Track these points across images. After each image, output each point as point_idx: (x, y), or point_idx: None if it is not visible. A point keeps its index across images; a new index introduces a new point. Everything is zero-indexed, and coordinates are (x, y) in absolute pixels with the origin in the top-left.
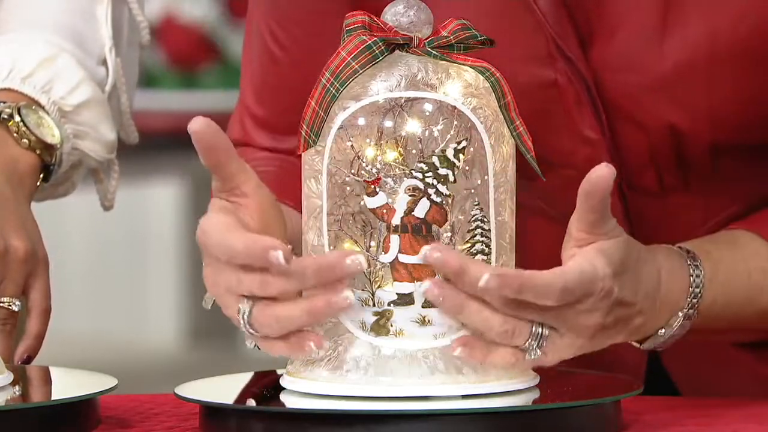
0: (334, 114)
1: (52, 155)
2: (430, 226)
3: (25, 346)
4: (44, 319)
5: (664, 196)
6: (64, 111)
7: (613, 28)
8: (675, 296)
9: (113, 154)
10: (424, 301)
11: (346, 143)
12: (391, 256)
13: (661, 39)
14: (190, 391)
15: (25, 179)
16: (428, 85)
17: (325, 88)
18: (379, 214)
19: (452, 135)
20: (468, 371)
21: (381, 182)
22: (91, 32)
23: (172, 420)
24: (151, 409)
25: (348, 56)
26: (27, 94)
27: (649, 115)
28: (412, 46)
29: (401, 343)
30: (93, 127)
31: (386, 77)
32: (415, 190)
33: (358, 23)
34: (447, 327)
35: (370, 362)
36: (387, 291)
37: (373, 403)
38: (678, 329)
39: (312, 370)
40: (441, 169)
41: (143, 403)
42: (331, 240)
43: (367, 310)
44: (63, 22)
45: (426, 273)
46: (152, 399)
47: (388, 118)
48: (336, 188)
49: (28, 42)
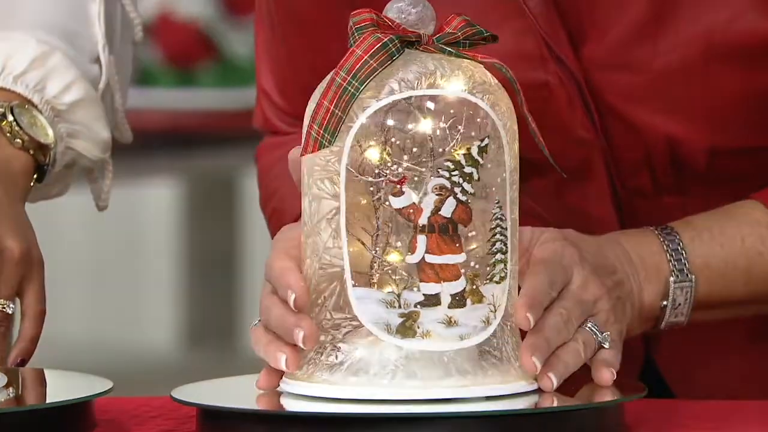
0: (353, 114)
1: (45, 155)
2: (456, 225)
3: (19, 349)
4: (39, 321)
5: (659, 197)
6: (57, 110)
7: (604, 27)
8: (653, 260)
9: (107, 153)
10: (450, 302)
11: (369, 143)
12: (418, 257)
13: (654, 37)
14: (188, 394)
15: (18, 180)
16: (449, 81)
17: (342, 88)
18: (405, 214)
19: (475, 132)
20: (493, 372)
21: (407, 182)
22: (83, 30)
23: (168, 423)
24: (147, 413)
25: (365, 54)
26: (20, 93)
27: (643, 116)
28: (423, 43)
29: (429, 344)
30: (87, 126)
31: (405, 75)
32: (442, 189)
33: (367, 21)
34: (472, 327)
35: (398, 365)
36: (414, 292)
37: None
38: (680, 296)
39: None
40: (466, 168)
41: (139, 406)
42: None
43: (392, 311)
44: (55, 20)
45: (452, 273)
46: (148, 402)
47: (412, 117)
48: (357, 189)
49: (20, 41)
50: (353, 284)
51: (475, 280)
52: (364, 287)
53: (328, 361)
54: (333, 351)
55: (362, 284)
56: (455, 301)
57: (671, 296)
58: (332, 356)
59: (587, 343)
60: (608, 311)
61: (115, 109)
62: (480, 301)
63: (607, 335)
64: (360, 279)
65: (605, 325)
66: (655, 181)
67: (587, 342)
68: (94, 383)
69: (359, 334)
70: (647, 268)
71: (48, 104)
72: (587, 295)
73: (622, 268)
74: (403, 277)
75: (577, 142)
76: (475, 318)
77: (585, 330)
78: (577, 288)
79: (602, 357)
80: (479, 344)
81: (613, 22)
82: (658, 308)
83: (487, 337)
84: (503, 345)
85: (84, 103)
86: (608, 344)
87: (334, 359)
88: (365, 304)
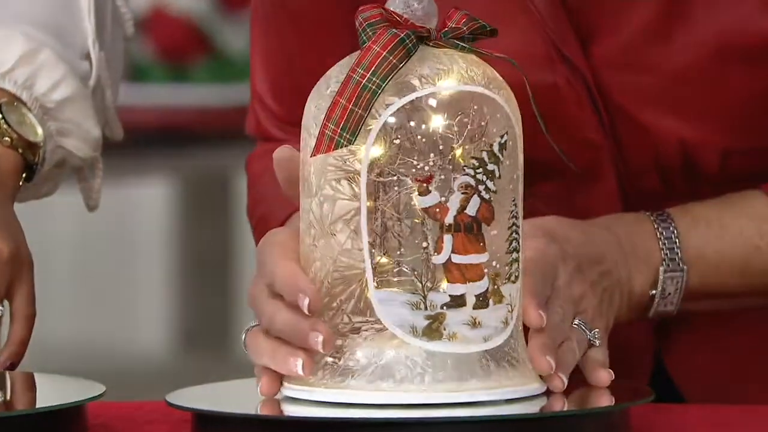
0: (374, 111)
1: (35, 154)
2: (480, 224)
3: (9, 352)
4: (28, 324)
5: (669, 200)
6: (46, 108)
7: (614, 27)
8: (644, 247)
9: (98, 151)
10: (475, 303)
11: (393, 141)
12: (445, 257)
13: (665, 37)
14: (183, 398)
15: (7, 179)
16: (467, 77)
17: (361, 85)
18: (431, 214)
19: (497, 129)
20: (513, 374)
21: (433, 180)
22: (73, 25)
23: (163, 429)
24: (141, 417)
25: (383, 51)
26: (8, 90)
27: (654, 118)
28: (431, 39)
29: (455, 347)
30: (77, 124)
31: (421, 71)
32: (468, 188)
33: (378, 17)
34: (493, 328)
35: (426, 368)
36: (439, 293)
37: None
38: (670, 285)
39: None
40: (489, 165)
41: (132, 411)
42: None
43: (417, 313)
44: (43, 14)
45: (477, 273)
46: (142, 406)
47: (434, 113)
48: (378, 188)
49: (7, 36)
50: (375, 286)
51: (496, 280)
52: (386, 289)
53: (348, 366)
54: (352, 355)
55: (385, 286)
56: (479, 301)
57: (660, 285)
58: (351, 360)
59: (580, 341)
60: (595, 307)
61: (105, 106)
62: (500, 301)
63: (597, 332)
64: (382, 281)
65: (592, 321)
66: (666, 184)
67: (580, 340)
68: (85, 387)
69: (380, 337)
70: (638, 255)
71: (37, 102)
72: (573, 293)
73: (610, 256)
74: (429, 278)
75: (586, 143)
76: (496, 319)
77: (576, 328)
78: (563, 286)
79: (594, 357)
80: (500, 345)
81: (623, 21)
82: (647, 297)
83: (506, 338)
84: (518, 345)
85: (74, 101)
86: (597, 342)
87: (355, 363)
88: (388, 306)
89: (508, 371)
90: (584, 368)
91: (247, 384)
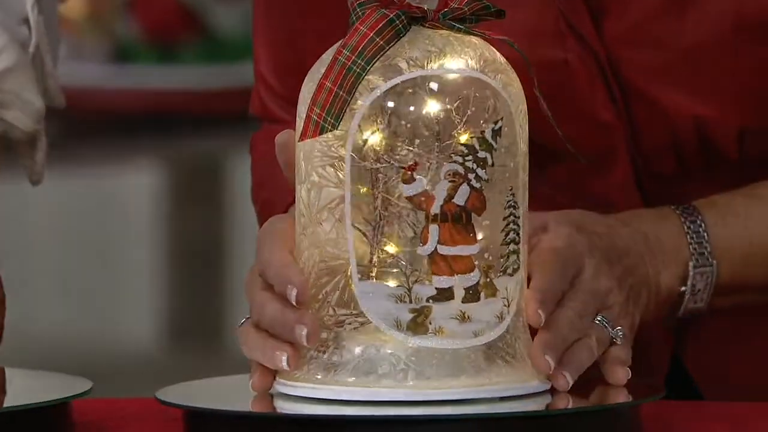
0: (358, 95)
1: None
2: (470, 213)
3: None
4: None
5: (686, 185)
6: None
7: (626, 2)
8: (672, 243)
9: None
10: (464, 296)
11: (376, 126)
12: (431, 248)
13: (680, 12)
14: (174, 394)
15: None
16: (460, 60)
17: (346, 67)
18: (416, 203)
19: (489, 115)
20: (507, 371)
21: (418, 168)
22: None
23: (152, 426)
24: (130, 415)
25: (370, 32)
26: None
27: (669, 96)
28: (428, 19)
29: (442, 341)
30: (17, 95)
31: (411, 53)
32: (455, 176)
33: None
34: (485, 323)
35: (409, 364)
36: (425, 286)
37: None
38: (700, 281)
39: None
40: (480, 152)
41: (121, 408)
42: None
43: (402, 306)
44: None
45: (466, 265)
46: (130, 403)
47: (422, 99)
48: (362, 175)
49: None
50: (359, 278)
51: (489, 273)
52: (370, 281)
53: (332, 361)
54: (337, 349)
55: (368, 278)
56: (469, 294)
57: (690, 281)
58: (336, 355)
59: (600, 339)
60: (621, 304)
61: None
62: (494, 294)
63: (620, 330)
64: (366, 272)
65: (617, 318)
66: (683, 167)
67: (600, 338)
68: (71, 383)
69: (365, 331)
70: (666, 251)
71: None
72: (599, 287)
73: (636, 252)
74: (414, 269)
75: (599, 125)
76: (489, 313)
77: (597, 325)
78: (589, 279)
79: (615, 354)
80: (494, 341)
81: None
82: (676, 294)
83: (501, 334)
84: (516, 341)
85: (15, 70)
86: (620, 340)
87: (339, 358)
88: (372, 298)
89: (502, 368)
90: (602, 365)
91: (240, 380)
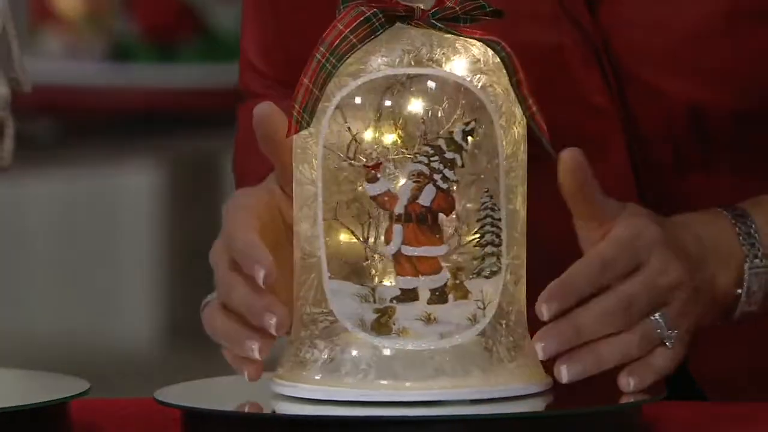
0: (330, 93)
1: None
2: (437, 214)
3: None
4: None
5: (684, 175)
6: None
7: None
8: (726, 245)
9: (6, 110)
10: (429, 297)
11: (344, 124)
12: (394, 248)
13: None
14: (172, 395)
15: None
16: (433, 60)
17: (320, 64)
18: (380, 202)
19: (459, 115)
20: (477, 373)
21: (382, 167)
22: None
23: (151, 427)
24: (129, 416)
25: (345, 29)
26: None
27: (664, 80)
28: (414, 18)
29: (405, 343)
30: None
31: (387, 52)
32: (420, 176)
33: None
34: (455, 326)
35: (371, 364)
36: (389, 286)
37: (373, 409)
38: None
39: (306, 373)
40: (447, 153)
41: (119, 409)
42: (325, 230)
43: (366, 306)
44: None
45: (432, 266)
46: (129, 404)
47: (388, 97)
48: (330, 174)
49: None
50: (329, 276)
51: (458, 275)
52: (339, 279)
53: (305, 359)
54: (310, 348)
55: (338, 276)
56: (435, 296)
57: (746, 284)
58: (309, 353)
59: (646, 337)
60: (684, 302)
61: (11, 58)
62: (465, 297)
63: (674, 333)
64: (336, 270)
65: (678, 317)
66: (679, 155)
67: (646, 336)
68: (69, 384)
69: (335, 330)
70: (720, 253)
71: None
72: (665, 281)
73: (697, 253)
74: (378, 270)
75: (594, 110)
76: (459, 315)
77: (649, 321)
78: (655, 272)
79: (655, 362)
80: (464, 344)
81: None
82: (732, 297)
83: (473, 337)
84: (495, 345)
85: None
86: (670, 343)
87: (311, 356)
88: (340, 297)
89: (473, 371)
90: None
91: (239, 380)
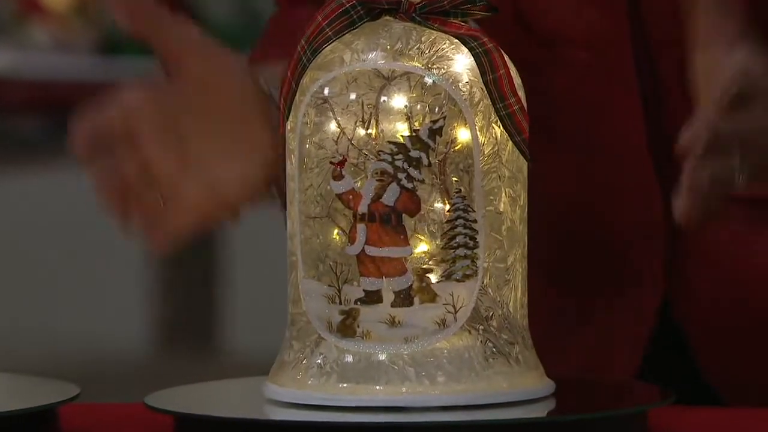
0: (305, 86)
1: None
2: (401, 215)
3: None
4: None
5: None
6: None
7: None
8: None
9: None
10: (393, 300)
11: (313, 119)
12: (358, 248)
13: None
14: (163, 400)
15: None
16: (404, 55)
17: (299, 57)
18: (345, 201)
19: (426, 112)
20: (444, 379)
21: (347, 164)
22: None
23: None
24: (118, 421)
25: (323, 22)
26: None
27: None
28: (399, 12)
29: (368, 346)
30: None
31: (362, 46)
32: (383, 175)
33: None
34: (421, 329)
35: (334, 367)
36: (354, 287)
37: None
38: None
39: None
40: (413, 151)
41: (109, 414)
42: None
43: (333, 308)
44: None
45: (396, 267)
46: (119, 409)
47: (353, 92)
48: (305, 170)
49: None
50: (303, 275)
51: (425, 277)
52: (310, 279)
53: (284, 360)
54: (287, 349)
55: (310, 276)
56: (399, 298)
57: None
58: (286, 354)
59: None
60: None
61: None
62: (432, 300)
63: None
64: (309, 270)
65: None
66: None
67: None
68: (58, 389)
69: (308, 332)
70: None
71: None
72: None
73: None
74: (344, 270)
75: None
76: (426, 319)
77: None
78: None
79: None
80: (431, 349)
81: None
82: None
83: (441, 342)
84: (469, 351)
85: None
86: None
87: (287, 357)
88: (312, 298)
89: (437, 377)
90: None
91: (233, 384)
